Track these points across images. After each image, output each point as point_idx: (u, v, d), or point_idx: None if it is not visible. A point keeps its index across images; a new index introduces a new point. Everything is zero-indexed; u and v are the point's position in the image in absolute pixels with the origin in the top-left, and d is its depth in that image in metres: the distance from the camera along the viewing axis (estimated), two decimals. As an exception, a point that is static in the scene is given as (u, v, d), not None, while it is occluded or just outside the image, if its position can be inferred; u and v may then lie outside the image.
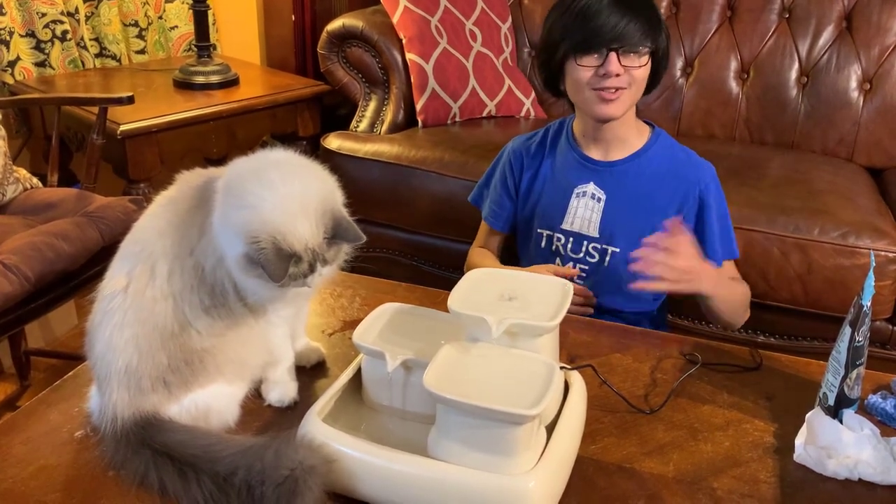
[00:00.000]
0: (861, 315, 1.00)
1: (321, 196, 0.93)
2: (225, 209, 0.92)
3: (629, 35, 1.35)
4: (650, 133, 1.51)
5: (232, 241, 0.91)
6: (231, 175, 0.95)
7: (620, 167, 1.48)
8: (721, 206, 1.49)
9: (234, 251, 0.91)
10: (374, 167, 2.31)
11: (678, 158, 1.50)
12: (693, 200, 1.47)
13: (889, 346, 2.03)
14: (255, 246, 0.88)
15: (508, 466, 0.84)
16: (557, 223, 1.51)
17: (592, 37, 1.36)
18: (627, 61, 1.36)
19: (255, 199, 0.90)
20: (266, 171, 0.93)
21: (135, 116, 2.23)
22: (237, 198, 0.91)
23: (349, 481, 0.88)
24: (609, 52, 1.36)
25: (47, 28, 2.55)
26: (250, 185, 0.91)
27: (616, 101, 1.39)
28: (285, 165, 0.96)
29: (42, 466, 0.94)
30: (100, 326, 0.96)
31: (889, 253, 1.89)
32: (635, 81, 1.39)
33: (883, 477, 0.95)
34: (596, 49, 1.37)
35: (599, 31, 1.35)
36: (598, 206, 1.48)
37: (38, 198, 1.87)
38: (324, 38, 2.51)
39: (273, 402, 1.06)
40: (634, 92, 1.40)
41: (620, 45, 1.35)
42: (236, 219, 0.90)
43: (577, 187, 1.49)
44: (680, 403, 1.09)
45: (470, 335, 0.94)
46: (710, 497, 0.92)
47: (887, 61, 2.37)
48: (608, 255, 1.48)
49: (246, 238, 0.88)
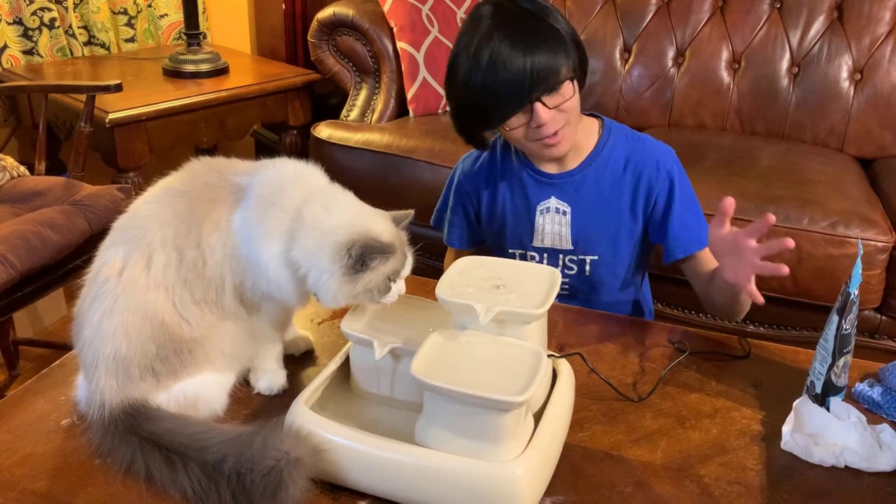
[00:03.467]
0: (848, 303, 1.00)
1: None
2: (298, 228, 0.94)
3: (545, 83, 1.23)
4: (600, 128, 1.42)
5: (265, 241, 0.94)
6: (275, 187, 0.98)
7: (578, 175, 1.39)
8: (689, 190, 1.41)
9: (270, 251, 0.94)
10: (364, 156, 2.30)
11: (635, 149, 1.41)
12: (660, 187, 1.38)
13: (877, 335, 2.04)
14: (353, 249, 0.91)
15: (496, 453, 0.84)
16: (528, 242, 1.44)
17: (506, 110, 1.25)
18: (553, 101, 1.24)
19: (330, 212, 0.95)
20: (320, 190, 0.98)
21: (124, 105, 2.22)
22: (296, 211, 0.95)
23: (337, 469, 0.88)
24: (532, 104, 1.24)
25: (35, 15, 2.53)
26: (314, 206, 0.95)
27: (562, 141, 1.30)
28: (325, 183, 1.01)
29: (28, 454, 0.94)
30: (88, 311, 0.96)
31: (878, 242, 1.89)
32: (572, 112, 1.28)
33: (869, 464, 0.96)
34: (518, 108, 1.25)
35: (512, 101, 1.24)
36: (565, 219, 1.40)
37: (25, 186, 1.86)
38: (314, 27, 2.49)
39: (262, 390, 1.06)
40: (574, 119, 1.30)
41: (539, 92, 1.23)
42: (327, 228, 0.93)
43: (539, 204, 1.41)
44: (668, 391, 1.10)
45: (458, 323, 0.94)
46: (697, 484, 0.93)
47: (878, 51, 2.38)
48: (587, 264, 1.43)
49: (340, 245, 0.92)
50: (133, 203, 1.00)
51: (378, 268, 0.94)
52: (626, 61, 2.58)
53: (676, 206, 1.38)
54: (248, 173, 0.99)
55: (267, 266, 0.95)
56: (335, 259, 0.92)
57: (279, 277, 0.95)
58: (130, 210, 1.00)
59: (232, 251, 0.96)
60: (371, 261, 0.93)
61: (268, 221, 0.94)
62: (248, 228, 0.95)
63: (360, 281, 0.93)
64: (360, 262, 0.92)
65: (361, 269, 0.93)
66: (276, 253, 0.94)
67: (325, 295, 0.94)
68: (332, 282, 0.93)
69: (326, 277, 0.93)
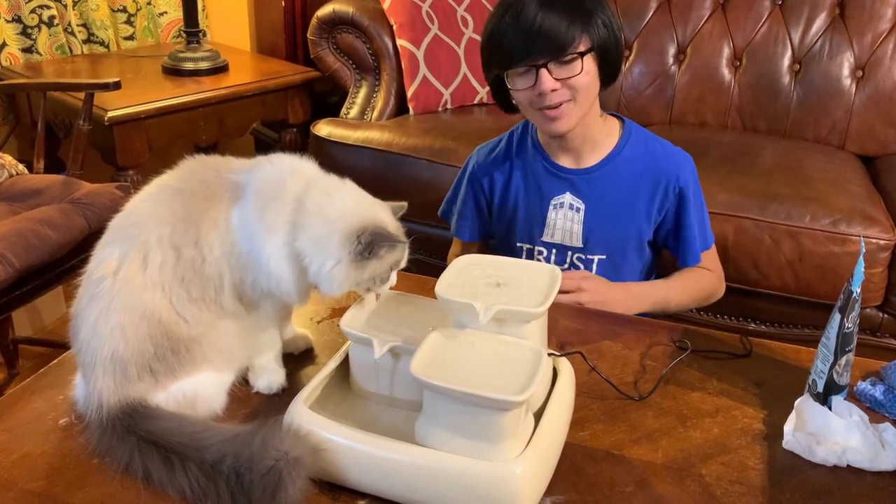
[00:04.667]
0: (850, 301, 1.00)
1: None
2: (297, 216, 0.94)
3: (552, 46, 1.25)
4: (621, 129, 1.43)
5: (266, 235, 0.93)
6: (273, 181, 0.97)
7: (596, 173, 1.40)
8: (699, 199, 1.43)
9: (271, 244, 0.94)
10: (364, 154, 2.30)
11: (655, 153, 1.42)
12: (672, 195, 1.40)
13: (879, 333, 2.03)
14: (363, 237, 0.92)
15: (496, 453, 0.83)
16: (537, 236, 1.45)
17: (513, 61, 1.27)
18: (561, 73, 1.27)
19: (333, 200, 0.95)
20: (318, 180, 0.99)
21: (123, 103, 2.22)
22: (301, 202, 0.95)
23: (336, 469, 0.87)
24: (538, 69, 1.27)
25: (34, 13, 2.53)
26: (315, 194, 0.95)
27: (561, 116, 1.31)
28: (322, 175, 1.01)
29: (25, 454, 0.93)
30: (85, 311, 0.95)
31: (880, 240, 1.89)
32: (578, 90, 1.29)
33: (871, 463, 0.95)
34: (523, 73, 1.28)
35: (517, 53, 1.26)
36: (578, 216, 1.41)
37: (23, 184, 1.86)
38: (314, 24, 2.49)
39: (261, 389, 1.05)
40: (582, 100, 1.31)
41: (546, 59, 1.26)
42: (330, 214, 0.94)
43: (554, 199, 1.42)
44: (669, 390, 1.09)
45: (458, 321, 0.93)
46: (698, 483, 0.92)
47: (880, 48, 2.37)
48: (594, 263, 1.43)
49: (350, 232, 0.92)
50: (129, 201, 1.00)
51: (385, 257, 0.95)
52: (627, 59, 2.57)
53: (691, 214, 1.39)
54: (245, 170, 0.98)
55: (268, 261, 0.94)
56: (344, 245, 0.92)
57: (280, 271, 0.95)
58: (126, 208, 0.99)
59: (231, 248, 0.95)
60: (379, 249, 0.93)
61: (269, 215, 0.94)
62: (248, 225, 0.94)
63: (367, 268, 0.94)
64: (369, 249, 0.92)
65: (369, 256, 0.93)
66: (279, 245, 0.94)
67: (329, 282, 0.94)
68: (339, 268, 0.93)
69: (333, 264, 0.93)
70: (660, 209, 1.40)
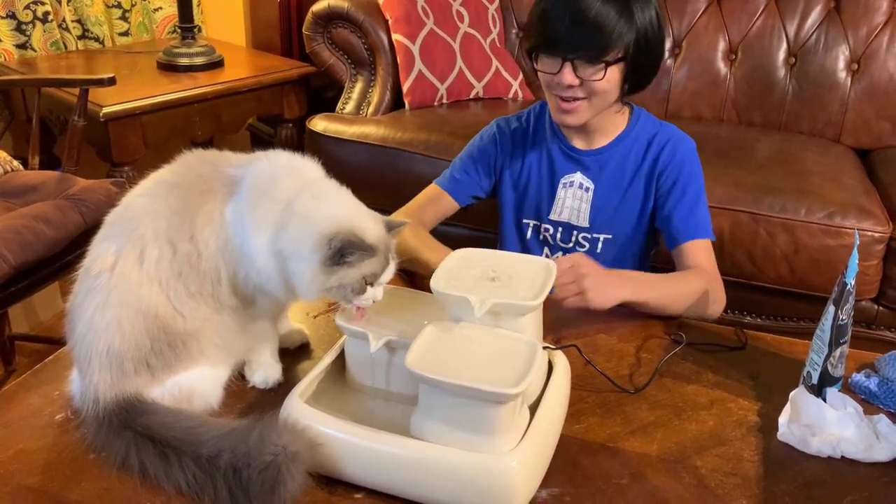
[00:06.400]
0: (845, 293, 1.00)
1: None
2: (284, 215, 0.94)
3: (584, 47, 1.27)
4: (630, 114, 1.47)
5: (255, 231, 0.93)
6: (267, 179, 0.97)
7: (605, 154, 1.44)
8: (698, 182, 1.43)
9: (260, 241, 0.93)
10: (360, 149, 2.29)
11: (657, 134, 1.44)
12: (672, 172, 1.41)
13: (874, 325, 2.04)
14: (334, 242, 0.90)
15: (491, 446, 0.84)
16: (545, 214, 1.48)
17: (547, 43, 1.30)
18: (584, 73, 1.29)
19: (319, 202, 0.94)
20: (314, 182, 0.98)
21: (118, 99, 2.21)
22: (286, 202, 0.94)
23: (332, 463, 0.88)
24: (564, 61, 1.29)
25: (28, 9, 2.52)
26: (305, 198, 0.94)
27: (573, 111, 1.34)
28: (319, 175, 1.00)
29: (22, 450, 0.93)
30: (81, 306, 0.95)
31: (875, 233, 1.89)
32: (596, 93, 1.31)
33: (865, 454, 0.95)
34: (551, 56, 1.30)
35: (553, 38, 1.28)
36: (587, 195, 1.45)
37: (18, 181, 1.85)
38: (309, 19, 2.48)
39: (257, 383, 1.05)
40: (597, 103, 1.34)
41: (575, 55, 1.28)
42: (316, 217, 0.93)
43: (564, 177, 1.46)
44: (664, 383, 1.09)
45: (453, 315, 0.94)
46: (693, 475, 0.92)
47: (875, 41, 2.37)
48: (600, 242, 1.46)
49: (323, 236, 0.91)
50: (125, 196, 1.00)
51: (355, 265, 0.92)
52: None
53: (686, 192, 1.39)
54: (241, 165, 0.98)
55: (256, 257, 0.94)
56: (316, 249, 0.91)
57: (267, 268, 0.95)
58: (122, 203, 0.99)
59: (225, 243, 0.95)
60: (349, 255, 0.91)
61: (258, 212, 0.94)
62: (240, 220, 0.94)
63: (335, 274, 0.92)
64: (339, 255, 0.91)
65: (339, 262, 0.91)
66: (266, 243, 0.94)
67: (299, 285, 0.94)
68: (308, 271, 0.92)
69: (304, 266, 0.92)
70: (658, 184, 1.43)
